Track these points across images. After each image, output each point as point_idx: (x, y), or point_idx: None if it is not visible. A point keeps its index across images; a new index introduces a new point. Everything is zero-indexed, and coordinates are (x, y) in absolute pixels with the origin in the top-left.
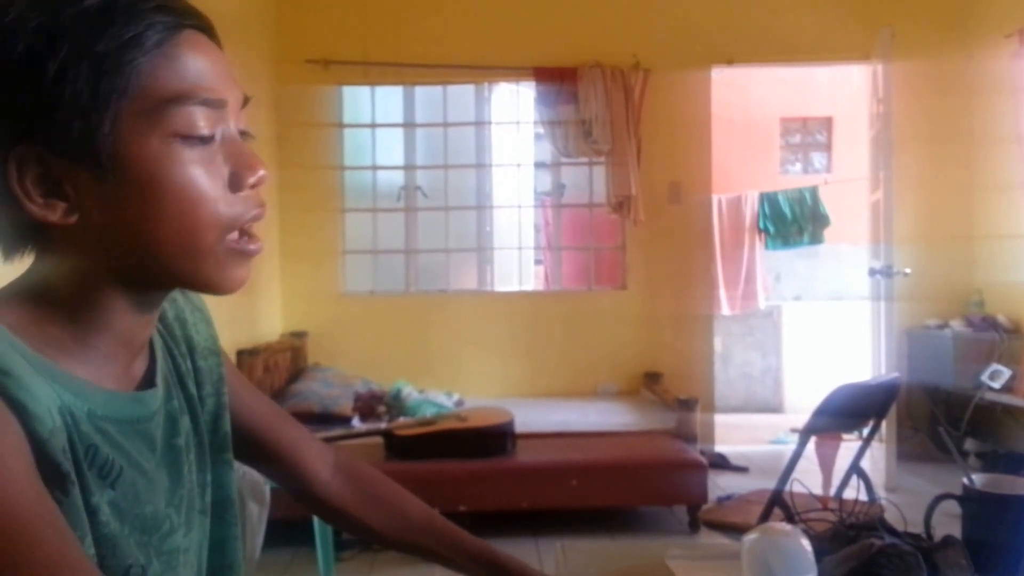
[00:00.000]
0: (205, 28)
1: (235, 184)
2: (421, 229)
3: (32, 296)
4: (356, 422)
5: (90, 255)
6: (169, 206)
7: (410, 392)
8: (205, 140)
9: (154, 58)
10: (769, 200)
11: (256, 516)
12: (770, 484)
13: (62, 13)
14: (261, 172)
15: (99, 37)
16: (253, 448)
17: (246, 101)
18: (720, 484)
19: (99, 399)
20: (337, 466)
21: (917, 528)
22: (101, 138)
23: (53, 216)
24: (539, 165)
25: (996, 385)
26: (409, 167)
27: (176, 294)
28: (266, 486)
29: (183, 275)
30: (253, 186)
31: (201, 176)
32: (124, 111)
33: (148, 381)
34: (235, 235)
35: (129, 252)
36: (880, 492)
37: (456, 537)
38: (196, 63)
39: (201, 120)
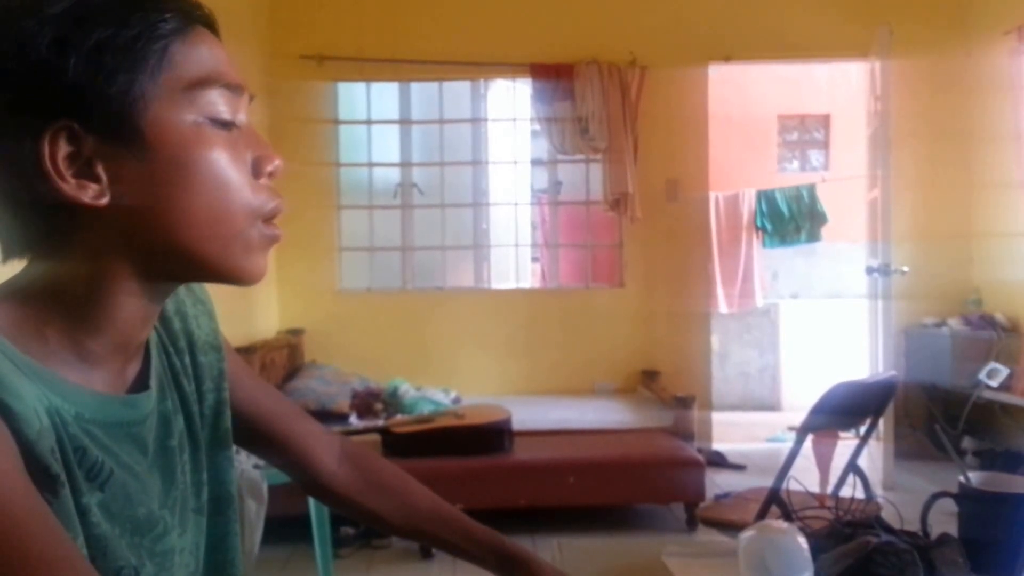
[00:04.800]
0: (212, 25)
1: (257, 171)
2: (417, 226)
3: (28, 296)
4: (353, 419)
5: (112, 242)
6: (202, 189)
7: (407, 390)
8: (229, 125)
9: (178, 43)
10: (767, 198)
11: (254, 513)
12: (767, 482)
13: (88, 1)
14: (277, 161)
15: (127, 20)
16: (259, 438)
17: (251, 98)
18: (717, 482)
19: (89, 403)
20: (343, 455)
21: (914, 526)
22: (137, 114)
23: (85, 196)
24: (535, 162)
25: (994, 383)
26: (405, 164)
27: (179, 287)
28: (264, 484)
29: (209, 259)
30: (271, 174)
31: (230, 161)
32: (158, 92)
33: (141, 383)
34: (261, 223)
35: (157, 236)
36: (877, 490)
37: (462, 524)
38: (212, 52)
39: (225, 104)
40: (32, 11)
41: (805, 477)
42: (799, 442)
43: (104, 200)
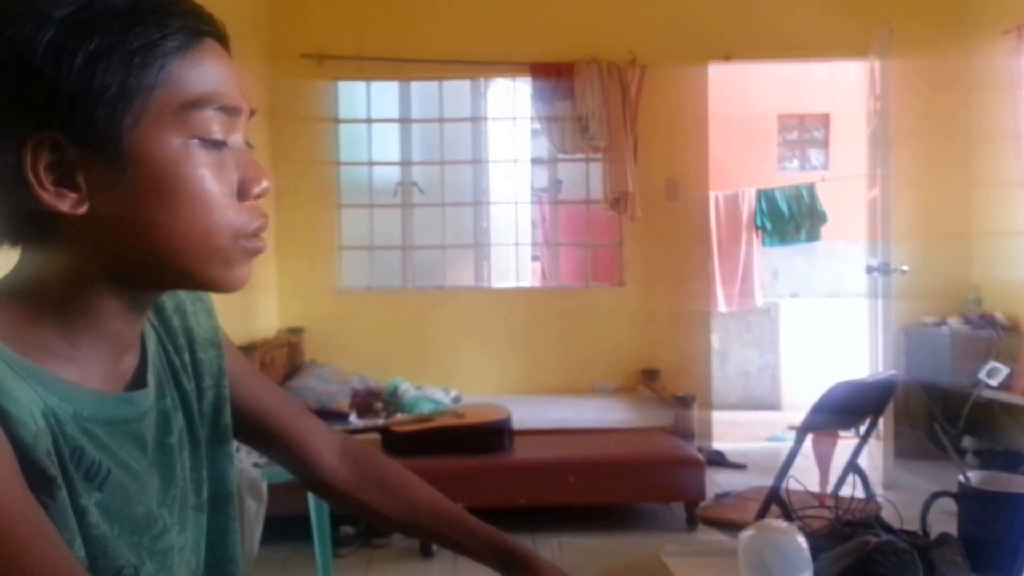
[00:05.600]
0: (221, 37)
1: (243, 193)
2: (417, 225)
3: (19, 295)
4: (353, 418)
5: (90, 250)
6: (183, 207)
7: (407, 389)
8: (220, 146)
9: (178, 61)
10: (766, 197)
11: (254, 512)
12: (767, 481)
13: (92, 7)
14: (265, 183)
15: (128, 34)
16: (260, 434)
17: (252, 113)
18: (717, 481)
19: (86, 400)
20: (344, 452)
21: (913, 526)
22: (124, 131)
23: (63, 205)
24: (536, 161)
25: (993, 383)
26: (405, 163)
27: None
28: (264, 483)
29: (188, 273)
30: (258, 196)
31: (215, 181)
32: (148, 108)
33: (139, 380)
34: (243, 239)
35: (134, 248)
36: (877, 489)
37: (463, 521)
38: (214, 70)
39: (218, 125)
40: (35, 13)
41: (805, 476)
42: (799, 441)
43: (82, 210)
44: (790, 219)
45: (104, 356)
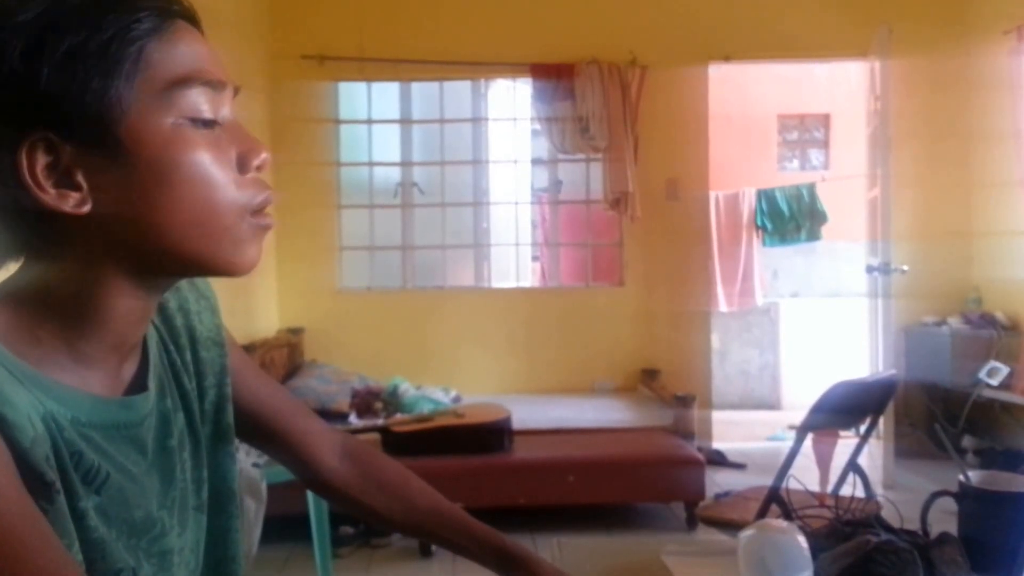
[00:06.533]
0: (192, 18)
1: (243, 166)
2: (418, 225)
3: (22, 299)
4: (353, 418)
5: (97, 250)
6: (186, 191)
7: (407, 388)
8: (211, 124)
9: (155, 42)
10: (767, 197)
11: (253, 513)
12: (767, 481)
13: (60, 4)
14: (264, 154)
15: (100, 24)
16: (261, 433)
17: (236, 91)
18: (717, 481)
19: (85, 406)
20: (345, 452)
21: (914, 525)
22: (114, 120)
23: (66, 206)
24: (536, 161)
25: (994, 382)
26: (406, 163)
27: (182, 282)
28: (263, 483)
29: (199, 257)
30: (258, 168)
31: (213, 160)
32: (135, 94)
33: (139, 383)
34: (250, 216)
35: (142, 242)
36: (877, 489)
37: (462, 522)
38: (192, 48)
39: (206, 103)
40: (2, 20)
41: (805, 476)
42: (799, 441)
43: (86, 208)
44: (790, 219)
45: (106, 361)
